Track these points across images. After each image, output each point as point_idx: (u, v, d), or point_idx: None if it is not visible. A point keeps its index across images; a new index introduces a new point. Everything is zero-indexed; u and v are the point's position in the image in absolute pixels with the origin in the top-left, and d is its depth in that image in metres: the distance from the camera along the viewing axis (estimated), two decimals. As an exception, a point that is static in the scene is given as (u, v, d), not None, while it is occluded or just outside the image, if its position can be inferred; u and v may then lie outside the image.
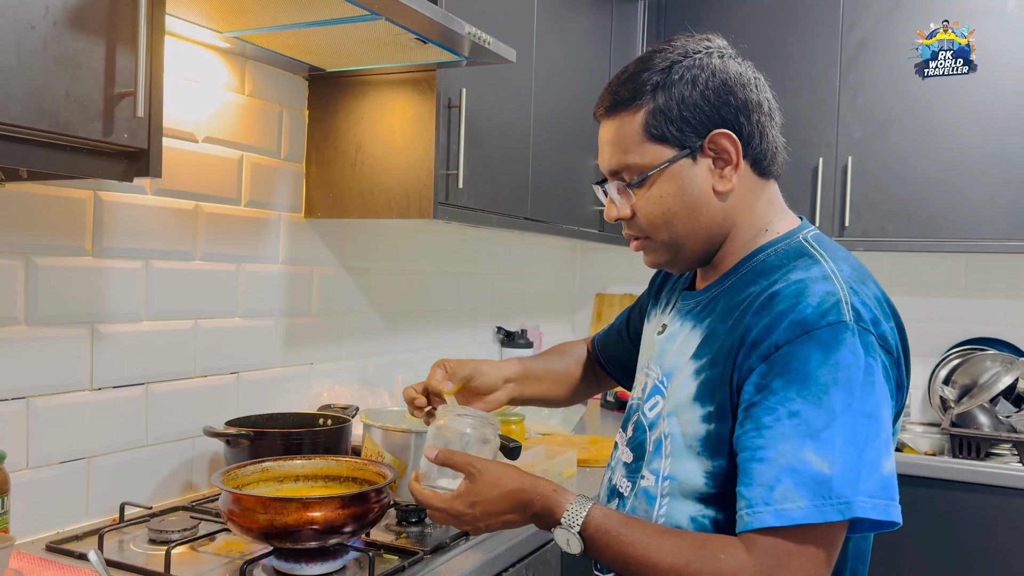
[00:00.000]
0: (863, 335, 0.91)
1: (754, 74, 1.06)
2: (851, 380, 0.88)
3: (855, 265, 1.02)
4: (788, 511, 0.86)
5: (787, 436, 0.88)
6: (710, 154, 1.03)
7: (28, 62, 0.98)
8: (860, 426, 0.88)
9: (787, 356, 0.90)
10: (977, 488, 2.27)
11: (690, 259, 1.09)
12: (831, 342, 0.90)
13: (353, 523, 1.20)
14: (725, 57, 1.05)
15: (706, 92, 1.01)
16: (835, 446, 0.86)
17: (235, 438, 1.56)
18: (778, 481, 0.87)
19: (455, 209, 1.86)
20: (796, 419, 0.88)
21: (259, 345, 1.84)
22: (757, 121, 1.04)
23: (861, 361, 0.89)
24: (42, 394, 1.40)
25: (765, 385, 0.91)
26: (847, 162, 2.65)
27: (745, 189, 1.05)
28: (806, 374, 0.89)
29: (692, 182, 1.03)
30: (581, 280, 3.47)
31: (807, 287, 0.94)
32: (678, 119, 1.01)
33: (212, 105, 1.69)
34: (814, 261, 1.00)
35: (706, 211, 1.04)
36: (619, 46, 2.76)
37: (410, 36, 1.52)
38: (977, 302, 2.84)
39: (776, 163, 1.09)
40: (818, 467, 0.86)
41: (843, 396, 0.88)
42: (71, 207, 1.43)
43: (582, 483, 1.86)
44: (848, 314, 0.91)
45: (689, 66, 1.03)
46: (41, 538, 1.38)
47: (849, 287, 0.95)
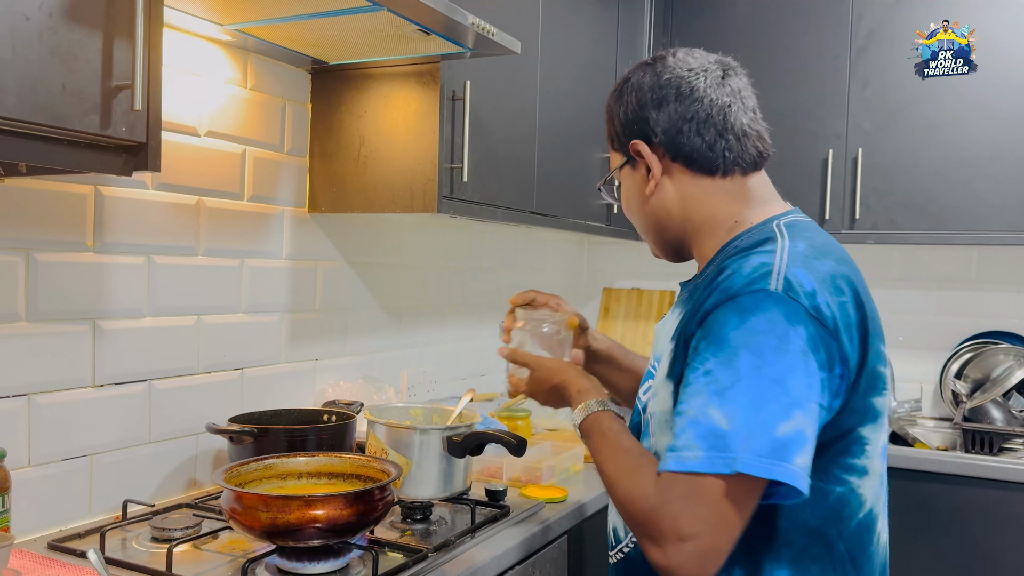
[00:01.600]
0: (788, 304, 0.96)
1: (688, 80, 1.12)
2: (762, 345, 0.94)
3: (818, 244, 1.06)
4: (686, 459, 0.94)
5: (699, 392, 0.96)
6: (638, 160, 1.16)
7: (23, 54, 0.96)
8: (765, 389, 0.93)
9: (711, 320, 0.98)
10: (990, 484, 2.25)
11: (666, 250, 1.23)
12: (749, 308, 0.96)
13: (357, 521, 1.18)
14: (651, 72, 1.15)
15: (628, 107, 1.16)
16: (736, 405, 0.93)
17: (238, 435, 1.54)
18: (684, 432, 0.95)
19: (460, 203, 1.84)
20: (708, 377, 0.96)
21: (263, 341, 1.82)
22: (674, 125, 1.12)
23: (778, 328, 0.94)
24: (44, 391, 1.38)
25: (695, 347, 1.00)
26: (857, 154, 2.62)
27: (686, 187, 1.14)
28: (722, 337, 0.96)
29: (632, 185, 1.20)
30: (588, 274, 3.45)
31: (747, 260, 1.02)
32: (616, 133, 1.19)
33: (214, 99, 1.68)
34: (772, 242, 1.05)
35: (648, 210, 1.18)
36: (626, 37, 2.73)
37: (413, 27, 1.50)
38: (989, 295, 2.80)
39: (724, 161, 1.12)
40: (717, 422, 0.93)
41: (752, 359, 0.94)
42: (72, 202, 1.42)
43: (589, 479, 1.84)
44: (775, 283, 0.97)
45: (622, 83, 1.18)
46: (43, 536, 1.37)
47: (791, 260, 1.00)
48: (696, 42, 3.05)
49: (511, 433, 1.48)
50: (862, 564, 1.08)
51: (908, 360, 2.89)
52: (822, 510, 1.03)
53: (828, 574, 1.04)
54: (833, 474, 1.03)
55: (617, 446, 1.08)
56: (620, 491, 1.03)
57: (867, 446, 1.04)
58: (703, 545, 0.93)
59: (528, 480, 1.75)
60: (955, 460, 2.29)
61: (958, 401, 2.65)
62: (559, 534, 1.59)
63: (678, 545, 0.93)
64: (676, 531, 0.93)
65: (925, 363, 2.87)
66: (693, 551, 0.93)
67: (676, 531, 0.93)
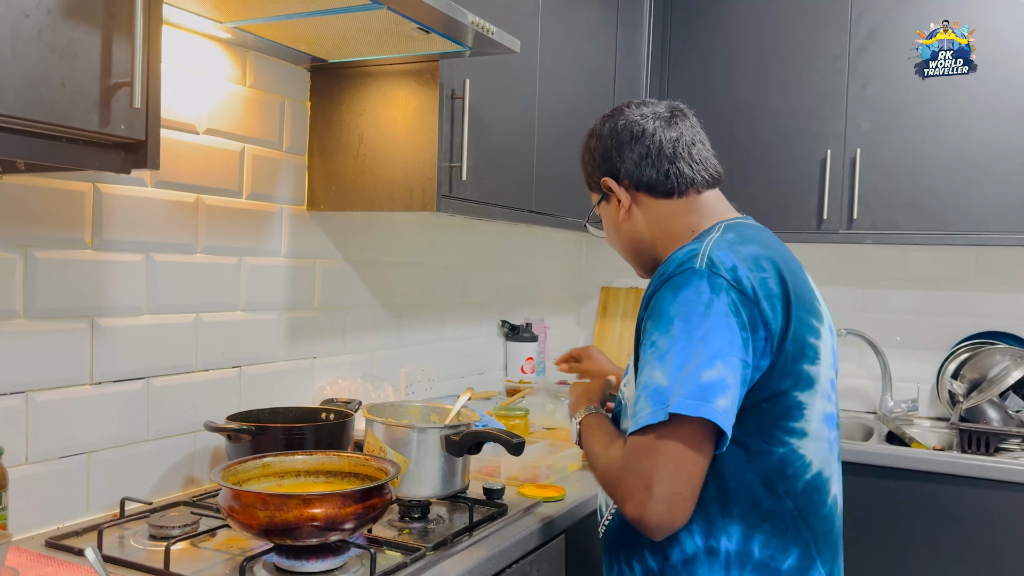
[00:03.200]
0: (711, 277, 1.13)
1: (640, 124, 1.33)
2: (691, 312, 1.11)
3: (747, 235, 1.24)
4: (640, 418, 1.10)
5: (648, 362, 1.13)
6: (610, 195, 1.37)
7: (22, 51, 0.96)
8: (693, 348, 1.09)
9: (654, 302, 1.17)
10: (986, 484, 2.25)
11: (643, 267, 1.41)
12: (680, 284, 1.14)
13: (354, 519, 1.19)
14: (610, 122, 1.37)
15: (595, 152, 1.38)
16: (673, 364, 1.09)
17: (236, 433, 1.54)
18: (639, 398, 1.12)
19: (459, 202, 1.84)
20: (653, 348, 1.13)
21: (261, 339, 1.82)
22: (634, 162, 1.33)
23: (704, 297, 1.11)
24: (41, 388, 1.38)
25: (644, 328, 1.18)
26: (856, 154, 2.62)
27: (653, 210, 1.34)
28: (661, 311, 1.14)
29: (609, 216, 1.40)
30: (587, 273, 3.45)
31: (675, 253, 1.21)
32: (588, 176, 1.41)
33: (213, 97, 1.67)
34: (707, 235, 1.24)
35: (623, 235, 1.38)
36: (625, 36, 2.73)
37: (412, 26, 1.50)
38: (987, 295, 2.81)
39: (678, 184, 1.32)
40: (659, 382, 1.10)
41: (683, 325, 1.11)
42: (70, 200, 1.42)
43: (587, 477, 1.84)
44: (700, 262, 1.15)
45: (591, 134, 1.41)
46: (41, 533, 1.37)
47: (716, 245, 1.19)
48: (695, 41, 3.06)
49: (509, 432, 1.48)
50: (815, 524, 1.21)
51: (905, 360, 2.89)
52: (766, 469, 1.17)
53: (779, 530, 1.18)
54: (775, 436, 1.17)
55: (598, 430, 1.29)
56: (599, 465, 1.22)
57: (805, 410, 1.18)
58: (665, 491, 1.08)
59: (526, 479, 1.75)
60: (951, 460, 2.30)
61: (955, 401, 2.65)
62: (557, 533, 1.60)
63: (644, 495, 1.09)
64: (640, 482, 1.09)
65: (922, 363, 2.88)
66: (658, 498, 1.08)
67: (640, 482, 1.09)
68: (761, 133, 2.75)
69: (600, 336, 3.34)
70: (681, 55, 2.89)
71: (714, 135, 1.45)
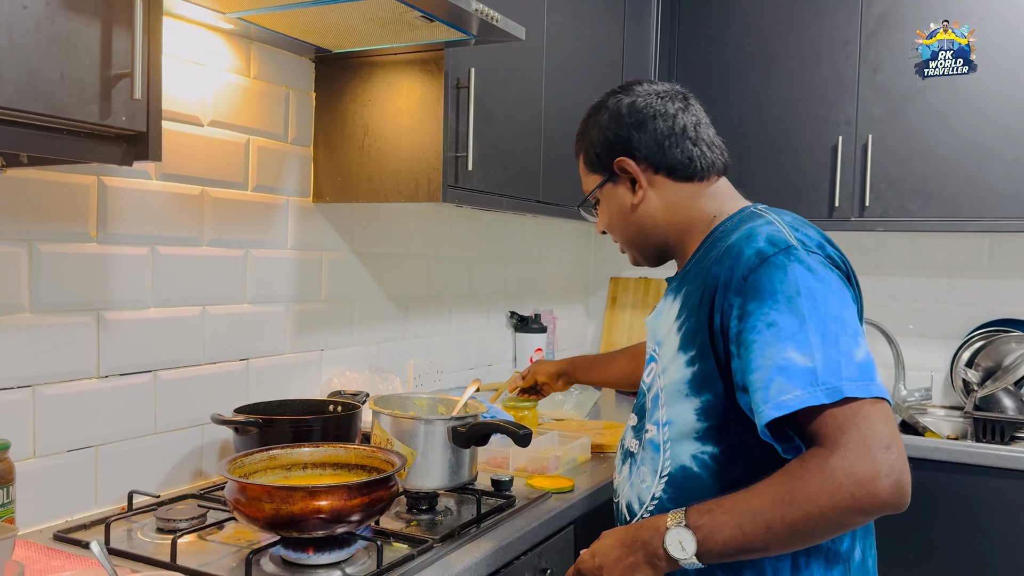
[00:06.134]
0: (811, 255, 1.08)
1: (659, 105, 1.27)
2: (811, 289, 1.04)
3: (797, 217, 1.20)
4: (786, 401, 0.98)
5: (769, 343, 1.02)
6: (622, 176, 1.28)
7: (21, 43, 0.96)
8: (828, 325, 1.02)
9: (754, 282, 1.06)
10: (1001, 472, 2.23)
11: (647, 256, 1.34)
12: (786, 263, 1.06)
13: (361, 512, 1.18)
14: (626, 98, 1.28)
15: (606, 131, 1.29)
16: (811, 343, 1.00)
17: (244, 425, 1.54)
18: (771, 381, 1.00)
19: (465, 192, 1.83)
20: (774, 328, 1.02)
21: (268, 331, 1.82)
22: (657, 144, 1.25)
23: (817, 274, 1.05)
24: (48, 382, 1.38)
25: (743, 312, 1.06)
26: (867, 140, 2.59)
27: (671, 194, 1.27)
28: (772, 291, 1.04)
29: (616, 200, 1.31)
30: (595, 264, 3.43)
31: (754, 230, 1.13)
32: (595, 155, 1.31)
33: (217, 88, 1.67)
34: (759, 216, 1.19)
35: (633, 220, 1.30)
36: (633, 22, 2.71)
37: (416, 14, 1.48)
38: (1001, 283, 2.77)
39: (699, 168, 1.26)
40: (801, 362, 1.00)
41: (808, 302, 1.03)
42: (74, 193, 1.41)
43: (596, 468, 1.83)
44: (794, 241, 1.09)
45: (598, 108, 1.32)
46: (49, 527, 1.37)
47: (790, 227, 1.14)
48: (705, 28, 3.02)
49: (516, 423, 1.47)
50: None
51: (919, 348, 2.86)
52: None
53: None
54: None
55: (741, 508, 1.00)
56: (799, 510, 0.96)
57: None
58: (898, 445, 0.96)
59: (534, 470, 1.74)
60: (966, 449, 2.27)
61: (969, 390, 2.62)
62: (565, 524, 1.59)
63: (886, 454, 0.95)
64: (878, 444, 0.95)
65: (936, 351, 2.85)
66: (899, 452, 0.96)
67: (878, 444, 0.95)
68: (771, 120, 2.73)
69: (609, 327, 3.32)
70: (689, 41, 2.86)
71: (723, 122, 1.44)
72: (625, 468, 1.29)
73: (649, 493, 1.21)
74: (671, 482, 1.17)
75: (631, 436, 1.30)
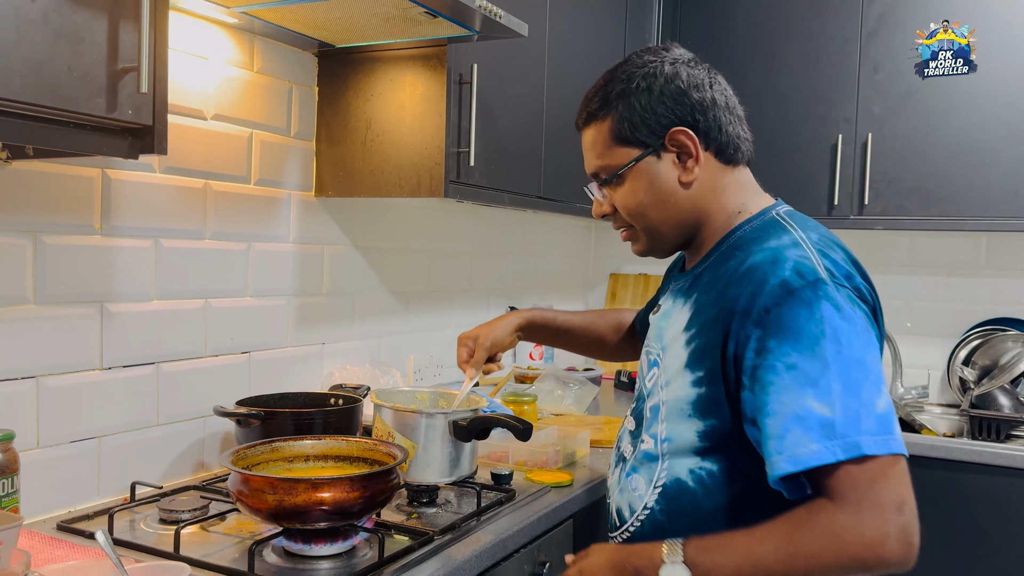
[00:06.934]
0: (839, 289, 1.01)
1: (709, 76, 1.17)
2: (837, 330, 0.97)
3: (823, 233, 1.12)
4: (801, 456, 0.94)
5: (788, 388, 0.97)
6: (672, 150, 1.15)
7: (28, 36, 0.96)
8: (852, 371, 0.96)
9: (777, 317, 1.00)
10: (997, 471, 2.24)
11: (669, 244, 1.23)
12: (813, 298, 0.99)
13: (363, 504, 1.19)
14: (678, 64, 1.16)
15: (662, 96, 1.14)
16: (832, 392, 0.95)
17: (246, 418, 1.55)
18: (787, 430, 0.96)
19: (467, 187, 1.84)
20: (794, 371, 0.97)
21: (270, 324, 1.83)
22: (714, 116, 1.15)
23: (843, 312, 0.99)
24: (52, 373, 1.39)
25: (762, 347, 1.00)
26: (866, 139, 2.60)
27: (711, 177, 1.17)
28: (797, 330, 0.98)
29: (658, 176, 1.16)
30: (595, 259, 3.44)
31: (781, 253, 1.05)
32: (639, 123, 1.15)
33: (220, 82, 1.67)
34: (784, 231, 1.11)
35: (674, 200, 1.17)
36: (634, 19, 2.71)
37: (420, 10, 1.49)
38: (998, 282, 2.79)
39: (741, 151, 1.19)
40: (820, 412, 0.95)
41: (832, 346, 0.97)
42: (79, 185, 1.42)
43: (595, 463, 1.84)
44: (824, 273, 1.02)
45: (645, 75, 1.15)
46: (52, 517, 1.38)
47: (818, 250, 1.06)
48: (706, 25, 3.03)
49: (517, 418, 1.48)
50: None
51: (916, 346, 2.88)
52: None
53: None
54: None
55: (744, 531, 0.99)
56: (802, 564, 0.94)
57: None
58: (910, 508, 0.93)
59: (534, 464, 1.76)
60: (962, 447, 2.29)
61: (966, 388, 2.64)
62: (565, 518, 1.60)
63: (899, 517, 0.92)
64: (891, 505, 0.92)
65: (933, 350, 2.86)
66: (912, 515, 0.92)
67: (891, 505, 0.92)
68: (771, 117, 2.73)
69: (609, 322, 3.33)
70: (690, 38, 2.86)
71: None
72: (618, 471, 1.26)
73: (641, 502, 1.17)
74: (665, 494, 1.14)
75: (627, 440, 1.26)
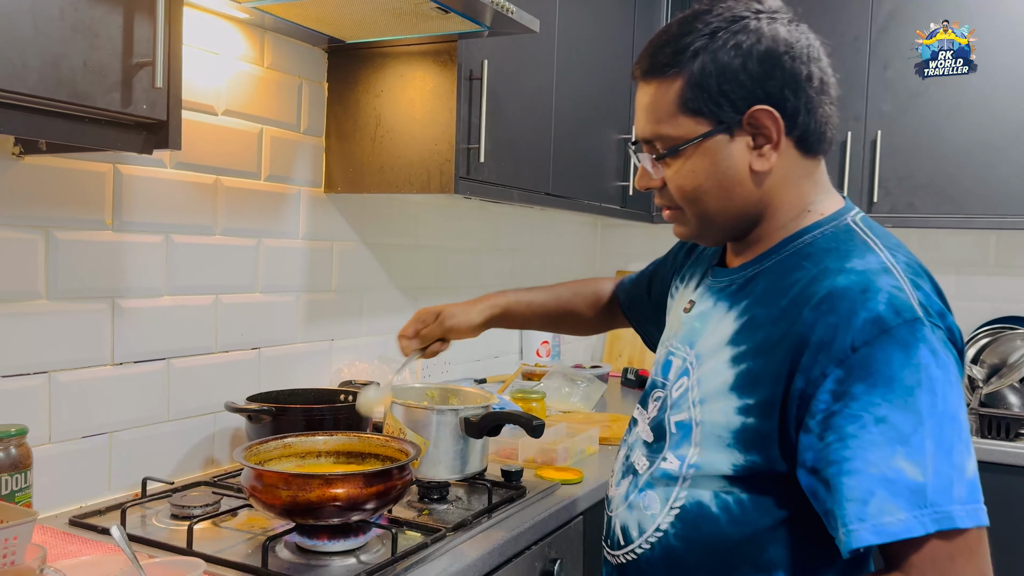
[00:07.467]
0: (935, 331, 0.87)
1: (809, 42, 0.97)
2: (933, 379, 0.85)
3: (907, 254, 0.97)
4: (887, 525, 0.82)
5: (875, 444, 0.83)
6: (749, 131, 0.96)
7: (45, 31, 0.96)
8: (945, 428, 0.84)
9: (866, 358, 0.85)
10: (1006, 469, 2.24)
11: (721, 235, 1.06)
12: (910, 340, 0.85)
13: (376, 500, 1.19)
14: (777, 22, 0.96)
15: (749, 63, 0.94)
16: (925, 451, 0.83)
17: (257, 414, 1.55)
18: (871, 494, 0.83)
19: (477, 184, 1.83)
20: (883, 425, 0.84)
21: (280, 321, 1.83)
22: (806, 97, 0.96)
23: (940, 359, 0.86)
24: (64, 369, 1.39)
25: (844, 392, 0.86)
26: (876, 136, 2.59)
27: (787, 168, 0.98)
28: (889, 376, 0.84)
29: (727, 159, 0.97)
30: (602, 257, 3.44)
31: (872, 281, 0.89)
32: (716, 92, 0.94)
33: (231, 77, 1.67)
34: (868, 249, 0.95)
35: (740, 190, 0.98)
36: (643, 16, 2.70)
37: (431, 5, 1.48)
38: (1007, 280, 2.78)
39: (825, 141, 1.00)
40: (911, 475, 0.82)
41: (928, 398, 0.84)
42: (91, 180, 1.42)
43: (603, 461, 1.84)
44: (920, 310, 0.88)
45: (735, 31, 0.94)
46: (64, 512, 1.38)
47: (911, 280, 0.91)
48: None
49: (529, 415, 1.48)
50: None
51: (924, 345, 2.86)
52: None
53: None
54: None
55: None
56: None
57: None
58: None
59: (543, 461, 1.75)
60: (971, 445, 2.28)
61: (974, 386, 2.63)
62: (575, 515, 1.60)
63: None
64: None
65: (941, 348, 2.85)
66: None
67: None
68: (780, 115, 2.72)
69: (615, 320, 3.33)
70: (699, 36, 2.85)
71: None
72: (626, 484, 1.11)
73: (654, 523, 1.04)
74: (683, 516, 1.01)
75: (641, 453, 1.09)
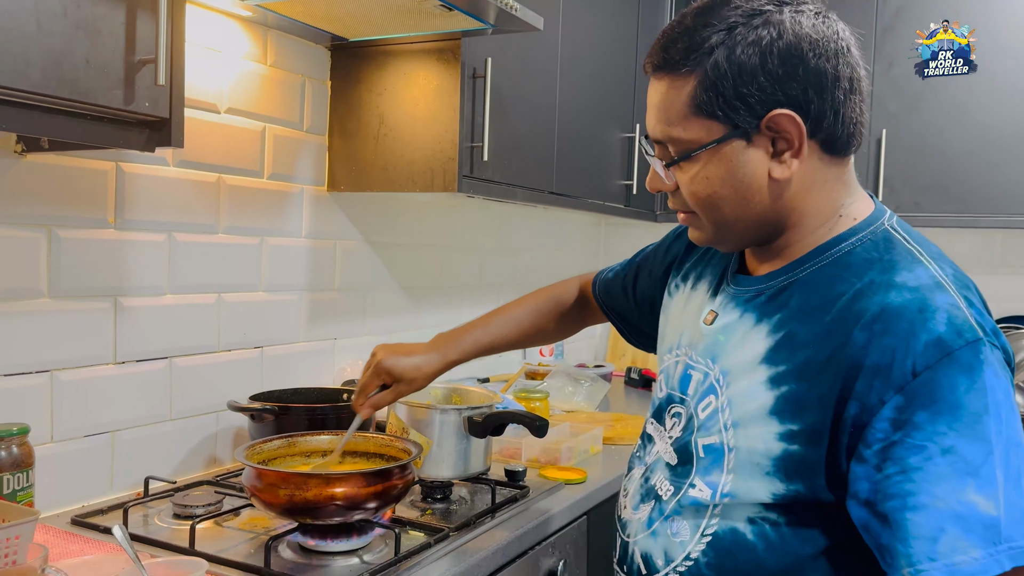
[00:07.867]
0: (994, 351, 0.82)
1: (838, 35, 0.90)
2: (998, 404, 0.79)
3: (953, 266, 0.91)
4: (961, 565, 0.76)
5: (943, 476, 0.78)
6: (768, 136, 0.88)
7: (47, 28, 0.96)
8: (1011, 455, 0.79)
9: (929, 384, 0.79)
10: (1011, 469, 2.22)
11: (741, 242, 0.99)
12: (973, 363, 0.80)
13: (376, 499, 1.18)
14: (802, 14, 0.88)
15: (768, 62, 0.86)
16: (996, 482, 0.77)
17: (260, 413, 1.55)
18: (941, 531, 0.77)
19: (480, 183, 1.83)
20: (951, 456, 0.78)
21: (283, 320, 1.82)
22: (832, 98, 0.88)
23: (1002, 381, 0.81)
24: (66, 367, 1.39)
25: (906, 420, 0.80)
26: (881, 135, 2.58)
27: (811, 172, 0.91)
28: (954, 403, 0.79)
29: (744, 166, 0.90)
30: (605, 256, 3.43)
31: (927, 299, 0.83)
32: (732, 95, 0.87)
33: (234, 75, 1.66)
34: (914, 260, 0.89)
35: (759, 198, 0.91)
36: (647, 14, 2.70)
37: (435, 3, 1.48)
38: (1013, 279, 2.77)
39: (854, 140, 0.93)
40: (984, 509, 0.76)
41: (995, 424, 0.79)
42: (93, 179, 1.41)
43: (607, 461, 1.84)
44: (979, 330, 0.82)
45: (755, 26, 0.86)
46: (66, 511, 1.37)
47: (964, 297, 0.85)
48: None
49: (533, 414, 1.47)
50: None
51: (929, 344, 2.85)
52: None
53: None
54: None
55: None
56: None
57: None
58: None
59: (547, 461, 1.75)
60: (976, 445, 2.27)
61: (979, 386, 2.62)
62: (579, 515, 1.59)
63: None
64: None
65: (946, 348, 2.84)
66: None
67: None
68: (784, 114, 2.71)
69: (618, 319, 3.32)
70: (703, 35, 2.84)
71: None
72: (647, 509, 1.02)
73: (683, 551, 0.96)
74: (715, 544, 0.93)
75: (664, 477, 1.01)
